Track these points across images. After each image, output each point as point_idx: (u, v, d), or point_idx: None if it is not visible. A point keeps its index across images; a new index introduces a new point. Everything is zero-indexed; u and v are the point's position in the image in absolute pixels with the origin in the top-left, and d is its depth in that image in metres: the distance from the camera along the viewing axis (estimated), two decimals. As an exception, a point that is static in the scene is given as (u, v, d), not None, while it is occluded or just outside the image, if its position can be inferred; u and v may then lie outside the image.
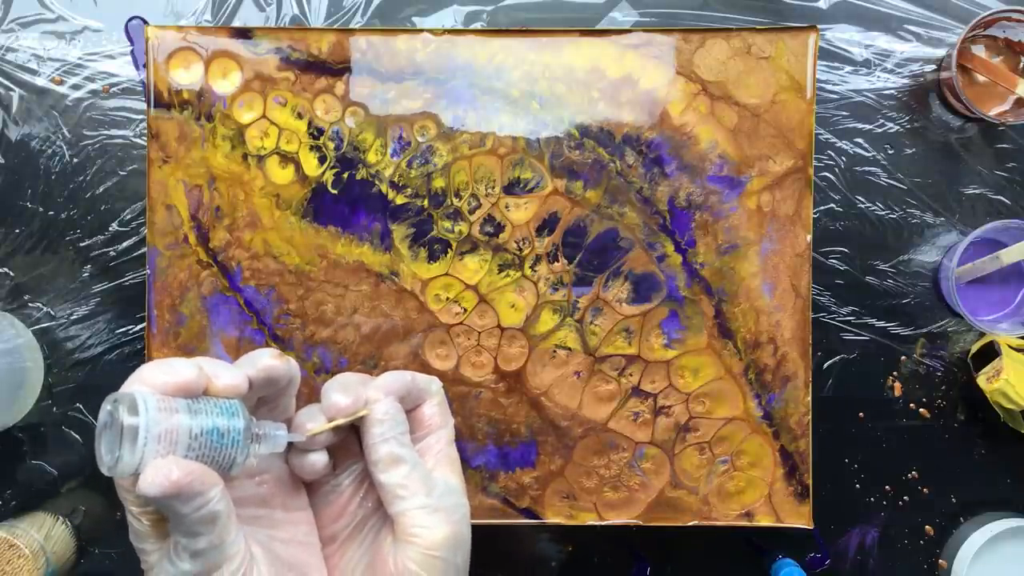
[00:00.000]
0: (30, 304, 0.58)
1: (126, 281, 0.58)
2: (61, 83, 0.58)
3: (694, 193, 0.53)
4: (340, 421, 0.36)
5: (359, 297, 0.53)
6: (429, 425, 0.39)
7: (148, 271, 0.53)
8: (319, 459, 0.37)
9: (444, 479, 0.38)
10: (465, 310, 0.53)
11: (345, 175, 0.53)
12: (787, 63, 0.53)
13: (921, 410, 0.58)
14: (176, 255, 0.53)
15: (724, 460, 0.54)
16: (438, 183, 0.53)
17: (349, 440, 0.39)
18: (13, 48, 0.58)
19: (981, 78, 0.57)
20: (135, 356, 0.57)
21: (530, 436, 0.53)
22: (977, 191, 0.58)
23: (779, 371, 0.53)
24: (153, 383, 0.32)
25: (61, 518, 0.56)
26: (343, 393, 0.36)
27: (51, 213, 0.57)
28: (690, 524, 0.53)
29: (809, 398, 0.53)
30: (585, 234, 0.53)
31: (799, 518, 0.54)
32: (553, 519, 0.54)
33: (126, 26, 0.58)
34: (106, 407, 0.32)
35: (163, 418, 0.31)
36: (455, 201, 0.53)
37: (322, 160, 0.53)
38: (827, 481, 0.57)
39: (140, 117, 0.58)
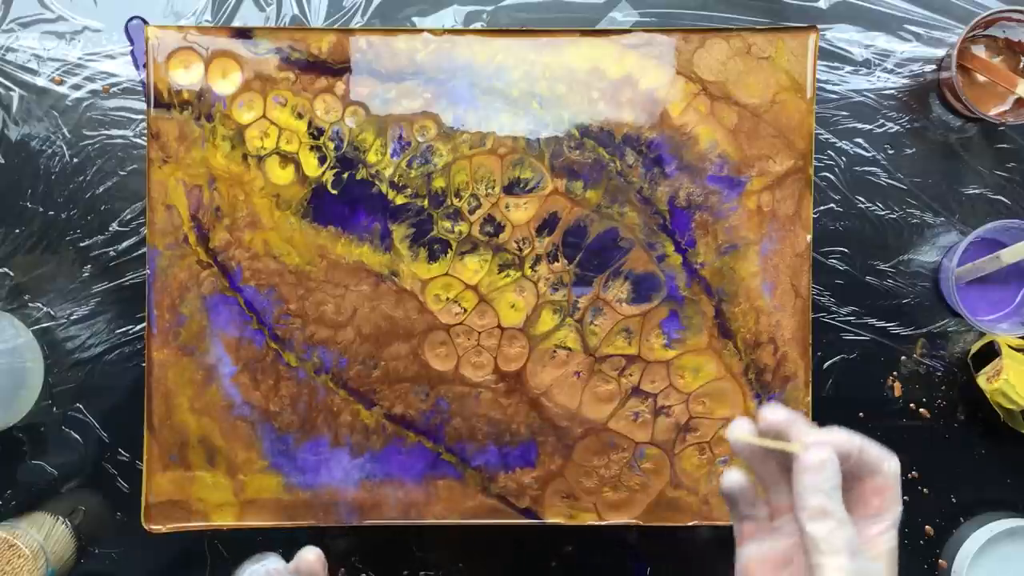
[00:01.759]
0: (30, 304, 0.58)
1: (126, 281, 0.58)
2: (61, 83, 0.58)
3: (694, 193, 0.53)
4: (767, 443, 0.36)
5: (359, 297, 0.53)
6: (873, 505, 0.37)
7: (148, 271, 0.53)
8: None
9: (876, 569, 0.37)
10: (465, 310, 0.53)
11: (345, 175, 0.53)
12: (787, 63, 0.53)
13: (921, 410, 0.58)
14: (176, 255, 0.53)
15: (724, 460, 0.54)
16: (438, 183, 0.53)
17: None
18: (13, 48, 0.58)
19: (981, 78, 0.57)
20: (135, 356, 0.57)
21: (530, 436, 0.53)
22: (977, 191, 0.58)
23: (779, 371, 0.53)
24: None
25: (61, 518, 0.56)
26: (784, 414, 0.36)
27: (51, 213, 0.57)
28: (690, 524, 0.53)
29: (809, 398, 0.53)
30: (585, 234, 0.53)
31: (799, 518, 0.54)
32: (553, 519, 0.54)
33: (126, 26, 0.58)
34: None
35: None
36: (455, 201, 0.53)
37: (322, 160, 0.53)
38: (827, 481, 0.57)
39: (140, 117, 0.58)
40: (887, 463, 0.38)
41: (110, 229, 0.57)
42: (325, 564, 0.43)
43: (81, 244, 0.57)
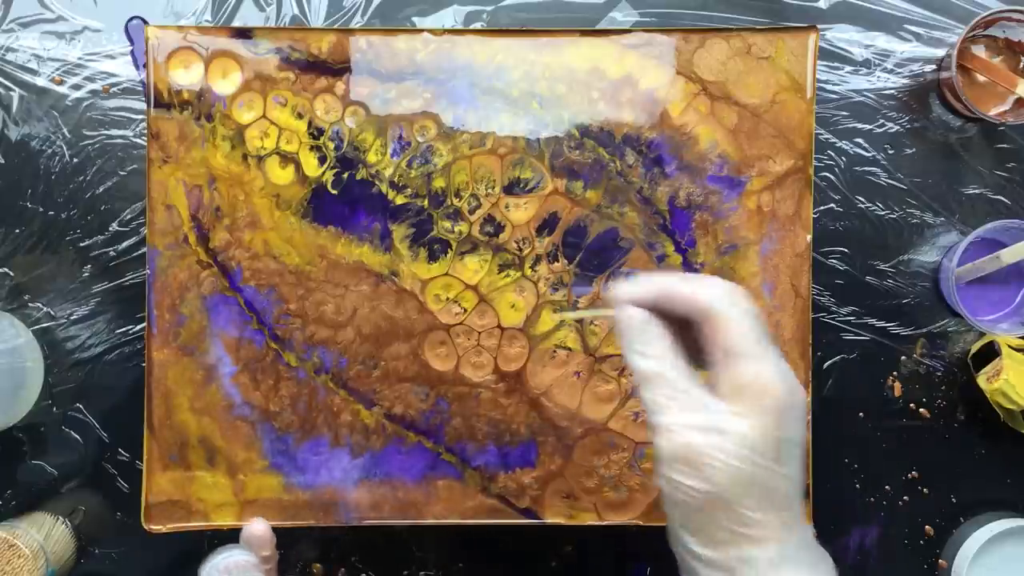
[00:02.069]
0: (30, 304, 0.58)
1: (126, 281, 0.58)
2: (61, 83, 0.58)
3: (694, 193, 0.53)
4: (583, 313, 0.38)
5: (359, 297, 0.53)
6: (719, 348, 0.35)
7: (148, 271, 0.53)
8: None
9: (737, 425, 0.34)
10: (465, 310, 0.53)
11: (345, 175, 0.53)
12: (787, 63, 0.53)
13: (921, 410, 0.58)
14: (176, 255, 0.53)
15: (724, 460, 0.54)
16: (438, 183, 0.53)
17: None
18: (13, 48, 0.58)
19: (981, 78, 0.57)
20: (135, 356, 0.57)
21: (530, 436, 0.53)
22: (977, 191, 0.58)
23: (779, 371, 0.53)
24: None
25: (61, 518, 0.56)
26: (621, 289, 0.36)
27: (51, 213, 0.57)
28: (690, 524, 0.53)
29: (809, 398, 0.53)
30: (585, 234, 0.53)
31: (799, 518, 0.54)
32: (553, 519, 0.54)
33: (126, 26, 0.58)
34: None
35: None
36: (455, 201, 0.53)
37: (322, 160, 0.53)
38: (827, 481, 0.57)
39: (140, 117, 0.58)
40: (701, 295, 0.36)
41: (110, 229, 0.57)
42: (273, 537, 0.50)
43: (81, 244, 0.57)
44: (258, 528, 0.50)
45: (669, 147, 0.53)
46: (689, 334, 0.37)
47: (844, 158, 0.58)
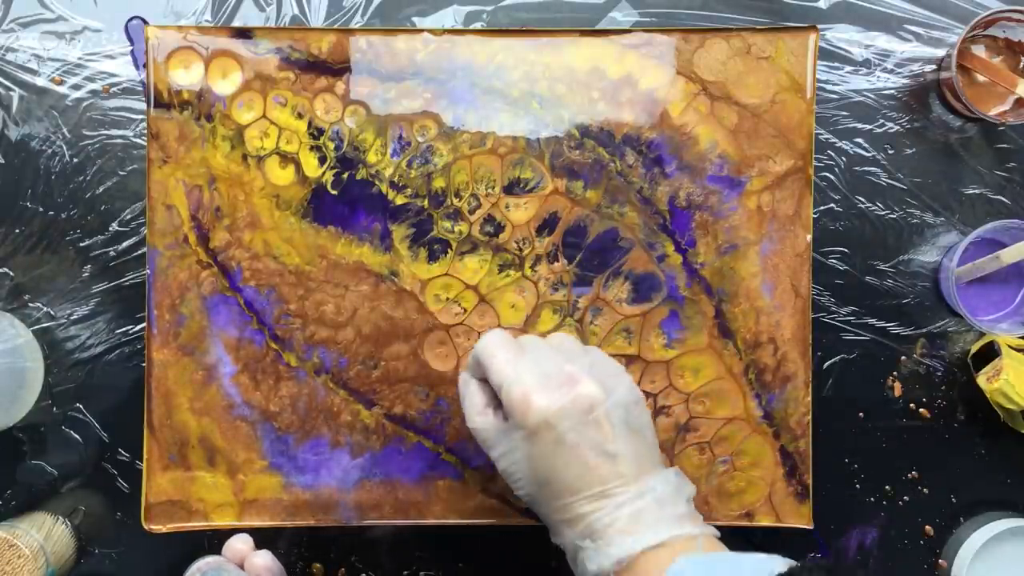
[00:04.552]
0: (30, 304, 0.58)
1: (126, 281, 0.58)
2: (61, 83, 0.58)
3: (694, 193, 0.53)
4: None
5: (359, 297, 0.53)
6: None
7: (148, 271, 0.53)
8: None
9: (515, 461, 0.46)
10: (465, 310, 0.53)
11: (345, 175, 0.53)
12: (787, 63, 0.53)
13: (921, 410, 0.58)
14: (176, 255, 0.53)
15: (724, 460, 0.54)
16: (438, 183, 0.53)
17: None
18: (13, 48, 0.58)
19: (981, 78, 0.57)
20: (135, 356, 0.57)
21: (530, 436, 0.53)
22: (977, 191, 0.58)
23: (779, 371, 0.53)
24: None
25: (61, 518, 0.56)
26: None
27: (51, 213, 0.57)
28: (690, 524, 0.53)
29: (809, 398, 0.53)
30: (585, 234, 0.53)
31: (799, 518, 0.54)
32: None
33: (126, 26, 0.58)
34: None
35: None
36: (455, 201, 0.53)
37: (322, 160, 0.53)
38: (827, 481, 0.57)
39: (140, 117, 0.58)
40: (476, 351, 0.47)
41: (110, 229, 0.57)
42: (278, 568, 0.47)
43: (81, 244, 0.57)
44: (263, 559, 0.47)
45: (669, 147, 0.53)
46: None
47: (844, 158, 0.58)
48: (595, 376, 0.44)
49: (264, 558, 0.46)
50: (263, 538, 0.56)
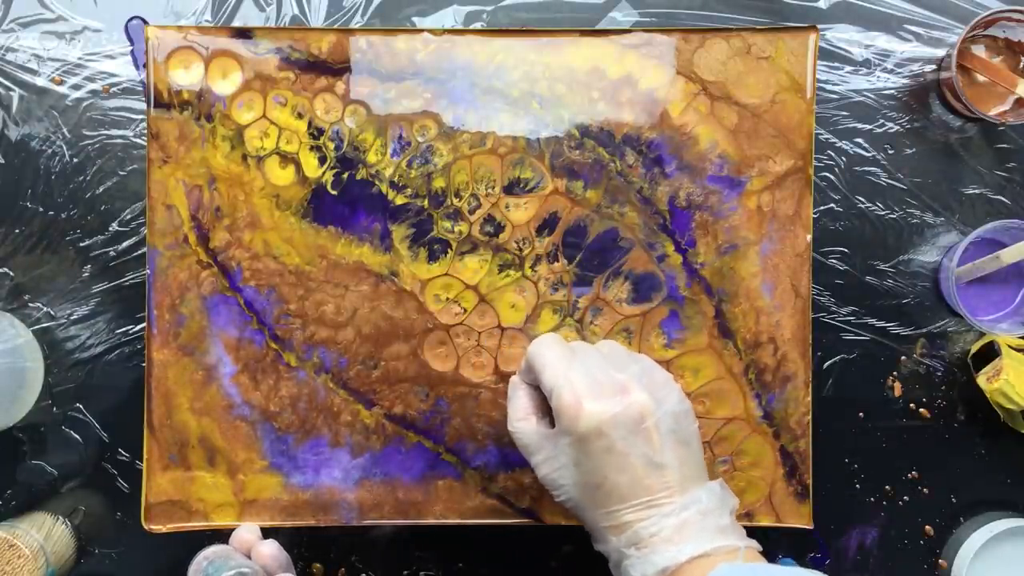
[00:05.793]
0: (30, 304, 0.58)
1: (126, 281, 0.58)
2: (61, 83, 0.58)
3: (694, 193, 0.53)
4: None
5: (359, 297, 0.53)
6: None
7: (148, 271, 0.53)
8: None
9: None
10: (465, 310, 0.53)
11: (345, 175, 0.53)
12: (787, 63, 0.53)
13: (921, 410, 0.58)
14: (176, 255, 0.53)
15: (724, 460, 0.54)
16: (438, 183, 0.53)
17: None
18: (13, 48, 0.58)
19: (981, 78, 0.57)
20: (135, 356, 0.57)
21: (530, 436, 0.53)
22: (977, 191, 0.58)
23: (779, 371, 0.53)
24: None
25: (61, 518, 0.56)
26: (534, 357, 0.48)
27: (51, 213, 0.57)
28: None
29: (809, 398, 0.53)
30: (585, 234, 0.53)
31: (799, 518, 0.54)
32: (553, 519, 0.54)
33: (126, 26, 0.58)
34: None
35: None
36: (455, 201, 0.53)
37: (322, 160, 0.53)
38: (827, 481, 0.57)
39: (140, 117, 0.58)
40: (528, 355, 0.48)
41: (110, 229, 0.57)
42: (285, 558, 0.47)
43: (81, 244, 0.57)
44: (269, 548, 0.46)
45: (669, 147, 0.53)
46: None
47: (844, 158, 0.58)
48: (645, 385, 0.45)
49: (271, 547, 0.46)
50: (263, 538, 0.56)
